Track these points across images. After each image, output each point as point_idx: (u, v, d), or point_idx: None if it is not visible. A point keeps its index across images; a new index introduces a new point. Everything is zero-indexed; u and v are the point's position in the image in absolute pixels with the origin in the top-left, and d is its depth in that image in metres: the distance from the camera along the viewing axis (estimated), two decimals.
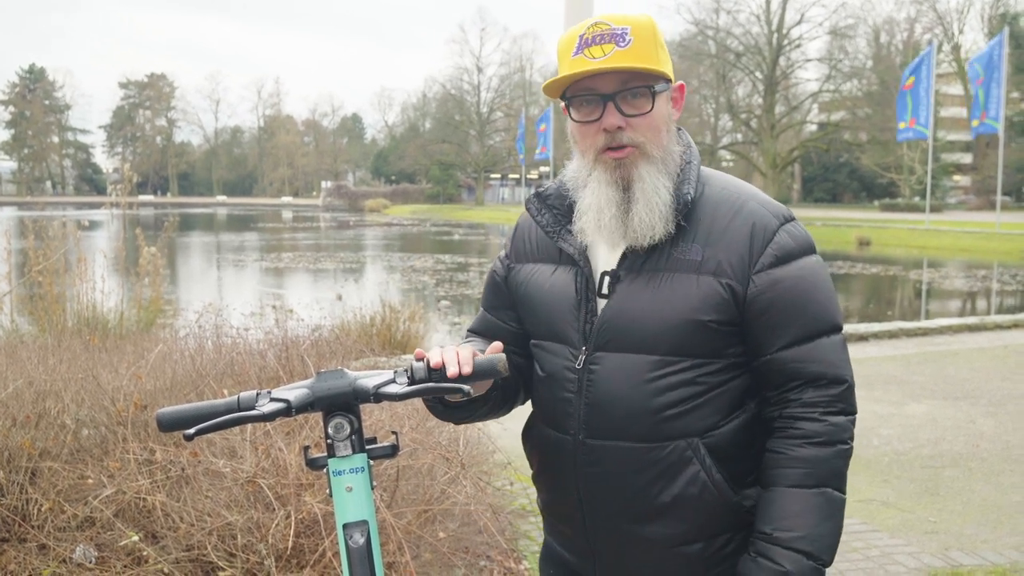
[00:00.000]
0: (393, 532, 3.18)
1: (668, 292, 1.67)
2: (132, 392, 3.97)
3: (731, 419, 1.70)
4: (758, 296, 1.66)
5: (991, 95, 32.46)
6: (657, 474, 1.68)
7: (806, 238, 1.73)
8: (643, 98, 1.68)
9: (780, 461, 1.66)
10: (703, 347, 1.67)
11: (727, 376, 1.70)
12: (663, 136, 1.71)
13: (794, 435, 1.66)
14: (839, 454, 1.66)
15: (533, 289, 1.84)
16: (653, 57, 1.66)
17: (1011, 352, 9.78)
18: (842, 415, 1.67)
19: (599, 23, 1.65)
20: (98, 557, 3.33)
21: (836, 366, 1.68)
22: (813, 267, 1.71)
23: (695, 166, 1.75)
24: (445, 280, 21.11)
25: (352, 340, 6.58)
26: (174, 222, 12.08)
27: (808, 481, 1.63)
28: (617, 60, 1.63)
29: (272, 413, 1.53)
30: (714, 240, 1.68)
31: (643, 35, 1.66)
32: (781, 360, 1.67)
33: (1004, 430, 6.59)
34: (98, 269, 8.60)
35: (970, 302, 18.93)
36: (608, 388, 1.70)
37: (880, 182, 67.33)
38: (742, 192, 1.75)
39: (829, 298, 1.71)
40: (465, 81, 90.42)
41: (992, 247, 30.89)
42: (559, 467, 1.78)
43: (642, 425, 1.68)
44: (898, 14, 76.33)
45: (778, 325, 1.67)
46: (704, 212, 1.71)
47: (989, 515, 4.86)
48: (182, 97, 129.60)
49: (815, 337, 1.68)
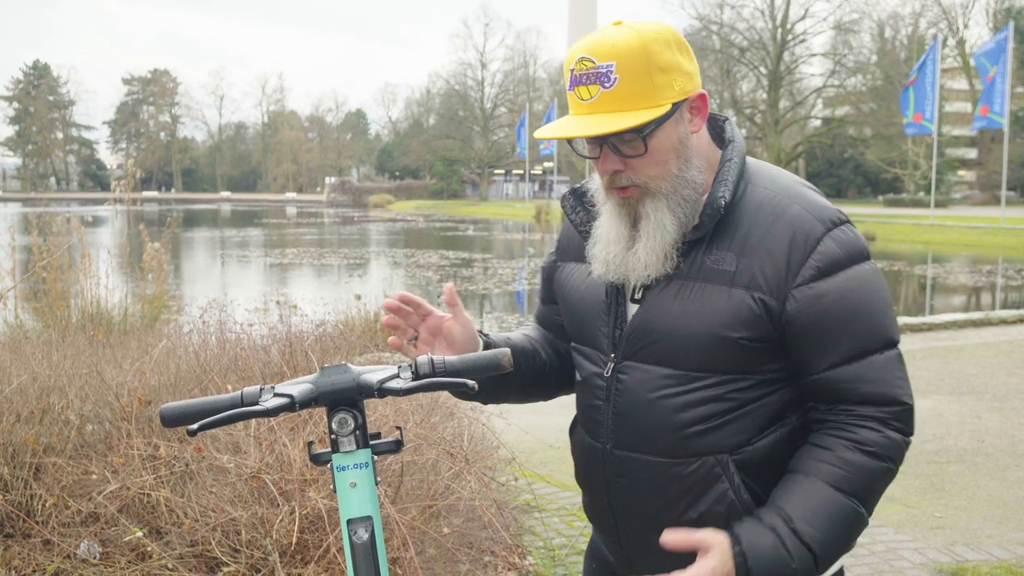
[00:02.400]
0: (397, 528, 3.18)
1: (698, 304, 1.56)
2: (136, 388, 3.97)
3: (767, 434, 1.60)
4: (800, 312, 1.53)
5: (996, 90, 32.37)
6: (683, 490, 1.61)
7: (856, 244, 1.57)
8: (635, 143, 1.56)
9: (825, 456, 1.54)
10: (733, 363, 1.56)
11: (762, 392, 1.59)
12: (671, 166, 1.58)
13: (848, 437, 1.54)
14: (883, 472, 1.54)
15: (570, 290, 1.79)
16: (644, 93, 1.52)
17: (1016, 347, 9.75)
18: (899, 434, 1.55)
19: (584, 59, 1.53)
20: (102, 553, 3.34)
21: (892, 385, 1.54)
22: (864, 276, 1.55)
23: (735, 163, 1.61)
24: (449, 276, 21.10)
25: (356, 335, 6.58)
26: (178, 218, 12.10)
27: (847, 487, 1.52)
28: (600, 107, 1.53)
29: (276, 408, 1.52)
30: (750, 249, 1.55)
31: (630, 69, 1.51)
32: (830, 380, 1.55)
33: (1010, 425, 6.57)
34: (102, 265, 8.61)
35: (975, 297, 18.88)
36: (634, 399, 1.63)
37: (885, 177, 67.13)
38: (787, 193, 1.60)
39: (883, 310, 1.56)
40: (469, 76, 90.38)
41: (997, 242, 30.82)
42: (592, 473, 1.75)
43: (666, 440, 1.60)
44: (903, 9, 76.40)
45: (824, 343, 1.53)
46: (743, 216, 1.58)
47: (995, 510, 4.85)
48: (186, 93, 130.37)
49: (866, 355, 1.54)
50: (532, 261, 26.28)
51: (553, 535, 4.37)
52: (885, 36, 66.76)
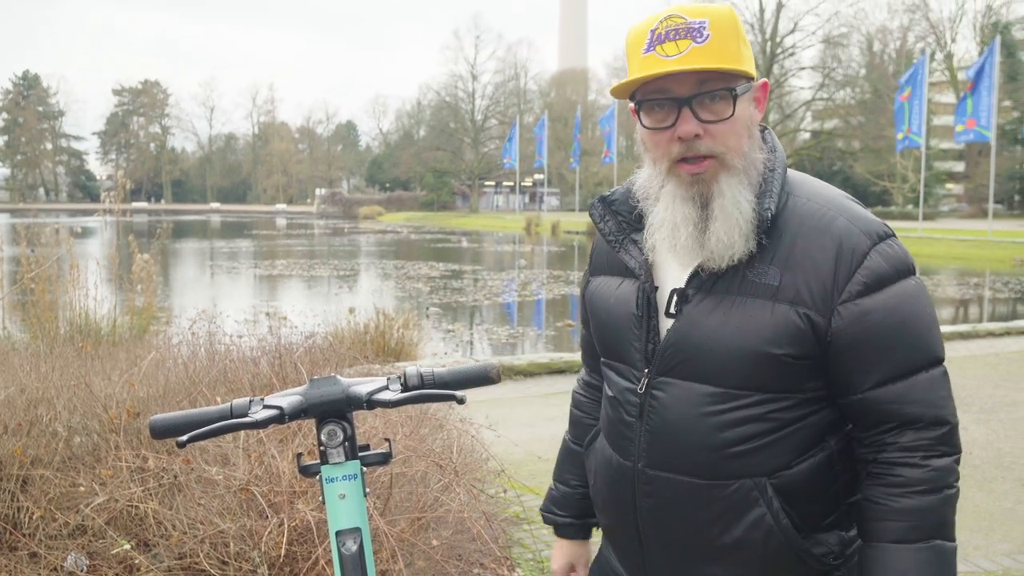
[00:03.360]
0: (386, 540, 3.18)
1: (739, 319, 1.50)
2: (125, 399, 3.96)
3: (806, 458, 1.54)
4: (845, 330, 1.47)
5: (982, 103, 32.59)
6: (718, 513, 1.55)
7: (903, 259, 1.51)
8: (723, 102, 1.49)
9: (881, 513, 1.49)
10: (775, 381, 1.51)
11: (803, 412, 1.53)
12: (745, 143, 1.53)
13: (894, 483, 1.48)
14: (945, 501, 1.48)
15: (599, 304, 1.72)
16: (735, 54, 1.48)
17: (1003, 360, 9.81)
18: (945, 457, 1.49)
19: (673, 16, 1.48)
20: (90, 565, 3.32)
21: (937, 405, 1.49)
22: (911, 292, 1.50)
23: (779, 174, 1.56)
24: (439, 287, 21.10)
25: (346, 347, 6.57)
26: (167, 229, 12.07)
27: (913, 535, 1.46)
28: (693, 59, 1.45)
29: (265, 420, 1.52)
30: (795, 263, 1.49)
31: (723, 28, 1.47)
32: (873, 400, 1.49)
33: (996, 437, 6.60)
34: (91, 276, 8.58)
35: (962, 309, 18.97)
36: (669, 417, 1.56)
37: (873, 190, 67.42)
38: (832, 206, 1.54)
39: (929, 327, 1.51)
40: (460, 88, 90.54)
41: (984, 255, 31.00)
42: (619, 492, 1.67)
43: (704, 460, 1.54)
44: (891, 23, 76.56)
45: (869, 361, 1.48)
46: (787, 229, 1.52)
47: (981, 522, 4.87)
48: (176, 104, 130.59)
49: (912, 373, 1.48)
50: (522, 273, 26.30)
51: (542, 547, 4.37)
52: (874, 50, 67.25)
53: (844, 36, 61.91)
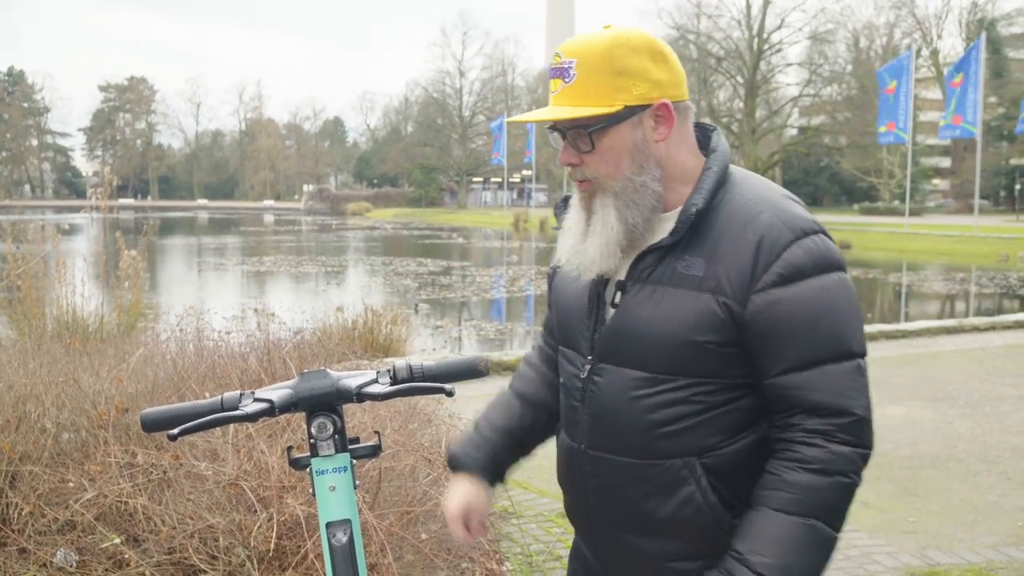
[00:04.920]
0: (375, 533, 3.19)
1: (668, 308, 1.59)
2: (113, 395, 3.95)
3: (737, 439, 1.61)
4: (755, 317, 1.55)
5: (967, 99, 32.76)
6: (652, 491, 1.64)
7: (826, 255, 1.57)
8: (585, 139, 1.61)
9: (771, 482, 1.56)
10: (700, 367, 1.58)
11: (730, 396, 1.60)
12: (623, 168, 1.61)
13: (791, 458, 1.55)
14: (836, 487, 1.53)
15: (560, 295, 1.84)
16: (598, 92, 1.57)
17: (988, 354, 9.87)
18: (846, 446, 1.53)
19: (557, 54, 1.62)
20: (79, 561, 3.32)
21: (844, 396, 1.54)
22: (829, 287, 1.56)
23: (714, 172, 1.63)
24: (427, 284, 21.09)
25: (334, 343, 6.58)
26: (154, 226, 12.03)
27: (794, 508, 1.52)
28: (560, 100, 1.61)
29: (256, 413, 1.53)
30: (719, 255, 1.57)
31: (590, 67, 1.57)
32: (780, 386, 1.57)
33: (981, 431, 6.65)
34: (78, 273, 8.55)
35: (948, 305, 19.08)
36: (606, 401, 1.67)
37: (860, 186, 67.75)
38: (761, 201, 1.61)
39: (846, 322, 1.56)
40: (447, 85, 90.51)
41: (970, 250, 31.18)
42: (572, 474, 1.78)
43: (636, 441, 1.63)
44: (877, 19, 76.95)
45: (777, 348, 1.55)
46: (716, 223, 1.60)
47: (966, 515, 4.91)
48: (162, 100, 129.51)
49: (819, 364, 1.54)
50: (510, 269, 26.32)
51: (531, 541, 4.39)
52: (860, 46, 67.49)
53: (831, 32, 62.12)
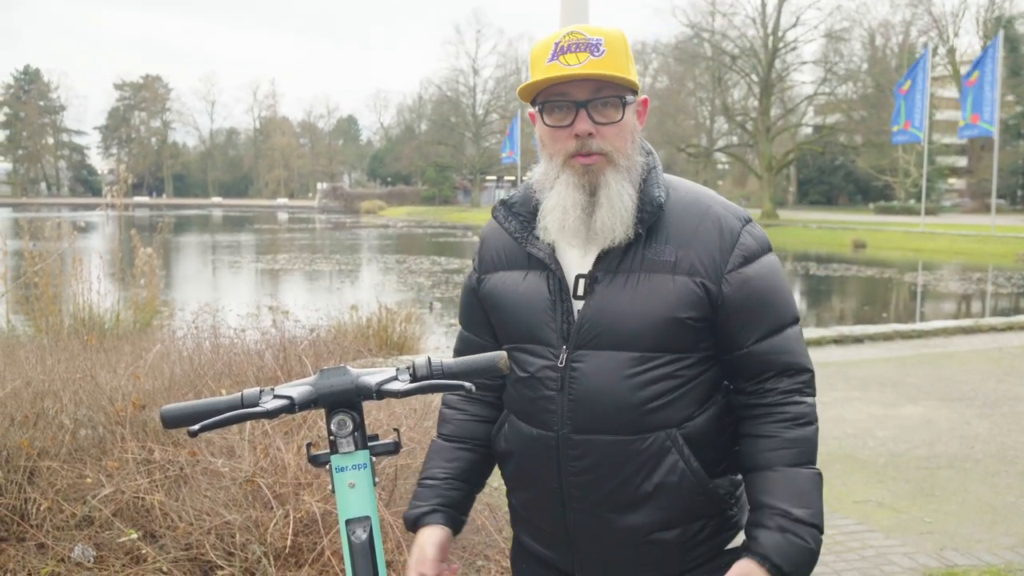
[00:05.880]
0: (392, 531, 3.20)
1: (647, 291, 1.74)
2: (130, 392, 3.98)
3: (704, 409, 1.79)
4: (733, 294, 1.75)
5: (985, 98, 32.54)
6: (640, 464, 1.76)
7: (764, 238, 1.84)
8: (614, 107, 1.74)
9: (776, 444, 1.75)
10: (680, 342, 1.76)
11: (701, 369, 1.79)
12: (629, 146, 1.78)
13: (784, 418, 1.76)
14: (816, 432, 1.79)
15: (504, 296, 1.88)
16: (625, 68, 1.73)
17: (1005, 354, 9.81)
18: (811, 397, 1.81)
19: (575, 32, 1.72)
20: (96, 556, 3.34)
21: (802, 355, 1.81)
22: (773, 264, 1.82)
23: (659, 171, 1.83)
24: (441, 282, 21.12)
25: (349, 341, 6.60)
26: (169, 223, 12.08)
27: (804, 459, 1.74)
28: (592, 68, 1.69)
29: (276, 410, 1.54)
30: (686, 242, 1.76)
31: (616, 46, 1.72)
32: (757, 352, 1.78)
33: (999, 431, 6.61)
34: (94, 270, 8.60)
35: (965, 304, 18.98)
36: (592, 384, 1.76)
37: (875, 185, 67.41)
38: (706, 196, 1.84)
39: (789, 292, 1.85)
40: (461, 83, 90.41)
41: (987, 250, 30.98)
42: (540, 463, 1.83)
43: (626, 418, 1.75)
44: (893, 17, 76.50)
45: (752, 320, 1.77)
46: (672, 215, 1.79)
47: (984, 515, 4.88)
48: (177, 99, 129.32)
49: (782, 329, 1.79)
50: None
51: None
52: (876, 44, 67.08)
53: (846, 30, 61.69)
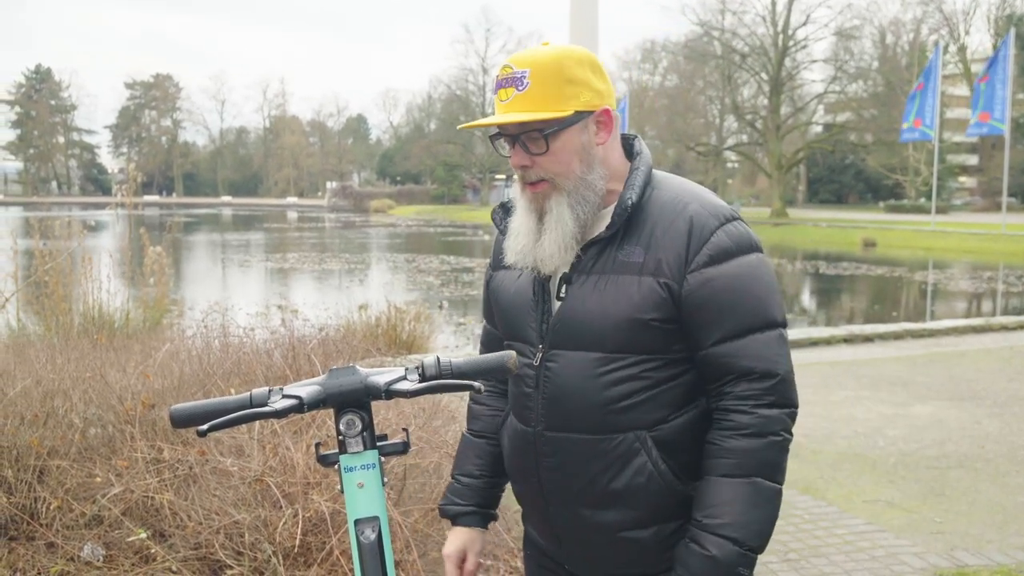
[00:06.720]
0: (400, 530, 3.20)
1: (614, 293, 1.76)
2: (140, 391, 3.98)
3: (682, 413, 1.78)
4: (692, 294, 1.73)
5: (996, 96, 32.39)
6: (607, 464, 1.78)
7: (746, 238, 1.79)
8: (538, 142, 1.75)
9: (713, 452, 1.74)
10: (647, 344, 1.75)
11: (674, 371, 1.78)
12: (575, 167, 1.77)
13: (726, 427, 1.73)
14: (770, 445, 1.72)
15: (502, 293, 1.97)
16: (551, 98, 1.72)
17: (1017, 353, 9.76)
18: (774, 408, 1.73)
19: (506, 66, 1.75)
20: (106, 555, 3.35)
21: (770, 360, 1.73)
22: (751, 265, 1.76)
23: (642, 171, 1.82)
24: (450, 281, 21.13)
25: (358, 340, 6.60)
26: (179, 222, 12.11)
27: (737, 471, 1.71)
28: (513, 107, 1.74)
29: (285, 409, 1.53)
30: (655, 242, 1.76)
31: (543, 76, 1.72)
32: (714, 355, 1.74)
33: (1010, 431, 6.58)
34: (103, 269, 8.62)
35: (976, 303, 18.90)
36: (562, 383, 1.80)
37: (886, 183, 67.18)
38: (686, 194, 1.82)
39: (767, 295, 1.77)
40: (470, 82, 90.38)
41: (998, 248, 30.84)
42: (524, 457, 1.89)
43: (593, 417, 1.77)
44: (904, 15, 76.25)
45: (711, 321, 1.73)
46: (649, 215, 1.79)
47: (995, 516, 4.85)
48: (187, 98, 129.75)
49: (747, 333, 1.73)
50: None
51: None
52: (886, 42, 66.80)
53: (856, 28, 61.43)
